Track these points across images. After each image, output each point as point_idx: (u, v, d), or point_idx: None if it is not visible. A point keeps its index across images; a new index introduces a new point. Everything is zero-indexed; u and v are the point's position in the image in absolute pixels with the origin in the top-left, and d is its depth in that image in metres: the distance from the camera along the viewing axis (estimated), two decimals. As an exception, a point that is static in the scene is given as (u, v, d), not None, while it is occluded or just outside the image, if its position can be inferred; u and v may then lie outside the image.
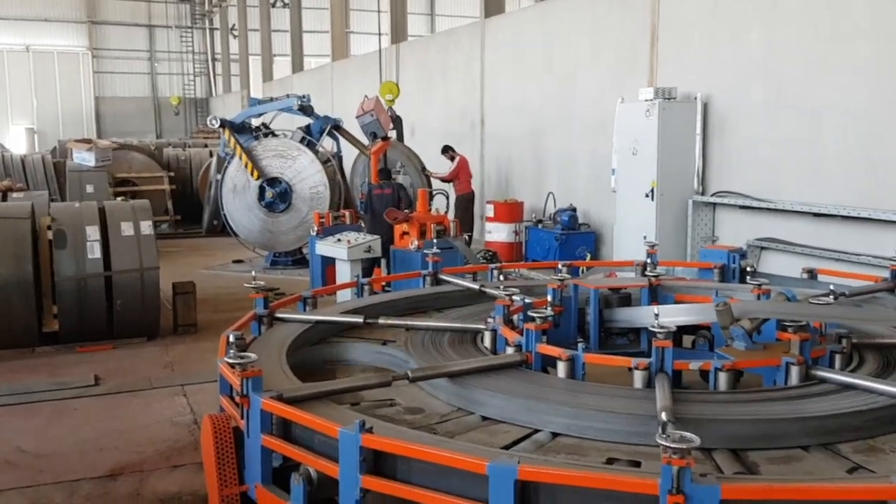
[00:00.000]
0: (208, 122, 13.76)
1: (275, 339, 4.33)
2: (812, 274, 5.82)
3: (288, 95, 13.89)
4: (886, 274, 5.33)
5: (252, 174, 12.33)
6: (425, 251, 6.12)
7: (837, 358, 3.83)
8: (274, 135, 13.30)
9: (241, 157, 12.41)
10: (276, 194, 12.40)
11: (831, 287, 4.64)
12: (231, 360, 3.38)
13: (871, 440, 3.16)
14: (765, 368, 3.76)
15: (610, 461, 2.98)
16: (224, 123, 12.79)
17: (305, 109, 13.12)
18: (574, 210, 12.23)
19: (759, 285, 4.79)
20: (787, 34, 9.06)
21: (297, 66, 29.67)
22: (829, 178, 8.54)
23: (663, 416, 2.82)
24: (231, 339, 3.71)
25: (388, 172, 11.75)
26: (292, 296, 5.10)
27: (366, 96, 12.98)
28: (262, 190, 12.43)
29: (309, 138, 12.94)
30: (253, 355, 3.41)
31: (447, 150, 14.43)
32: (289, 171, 12.48)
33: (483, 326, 4.36)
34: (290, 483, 3.10)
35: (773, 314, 3.99)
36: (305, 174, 12.45)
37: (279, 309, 4.77)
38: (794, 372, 3.59)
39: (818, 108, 8.64)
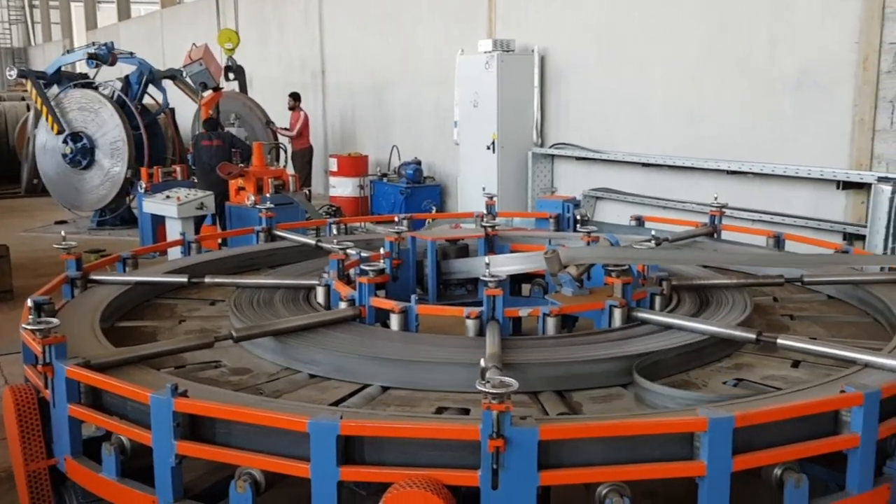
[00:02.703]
0: (7, 75, 12.74)
1: (88, 303, 4.03)
2: (640, 221, 6.05)
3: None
4: (707, 219, 5.60)
5: (52, 128, 11.51)
6: (260, 206, 5.88)
7: (657, 299, 3.98)
8: (89, 86, 12.40)
9: (42, 110, 11.57)
10: (76, 149, 11.66)
11: (653, 233, 4.82)
12: (31, 326, 3.09)
13: (686, 375, 3.31)
14: (591, 312, 3.85)
15: (440, 410, 2.96)
16: (25, 74, 11.84)
17: (98, 58, 12.31)
18: (419, 163, 12.22)
19: (589, 233, 4.92)
20: (619, -11, 9.33)
21: (124, 13, 27.90)
22: (656, 129, 8.92)
23: (482, 362, 2.82)
24: (32, 303, 3.40)
25: (215, 123, 11.14)
26: (110, 256, 4.76)
27: (194, 44, 12.32)
28: (66, 144, 11.67)
29: (119, 94, 12.14)
30: (55, 320, 3.13)
31: (295, 98, 13.97)
32: (91, 124, 11.78)
33: (316, 282, 4.22)
34: (102, 454, 2.89)
35: (597, 259, 4.09)
36: (107, 128, 11.76)
37: (95, 271, 4.43)
38: (618, 314, 3.70)
39: (647, 62, 8.97)
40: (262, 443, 2.63)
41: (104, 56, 12.37)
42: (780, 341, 3.38)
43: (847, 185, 6.88)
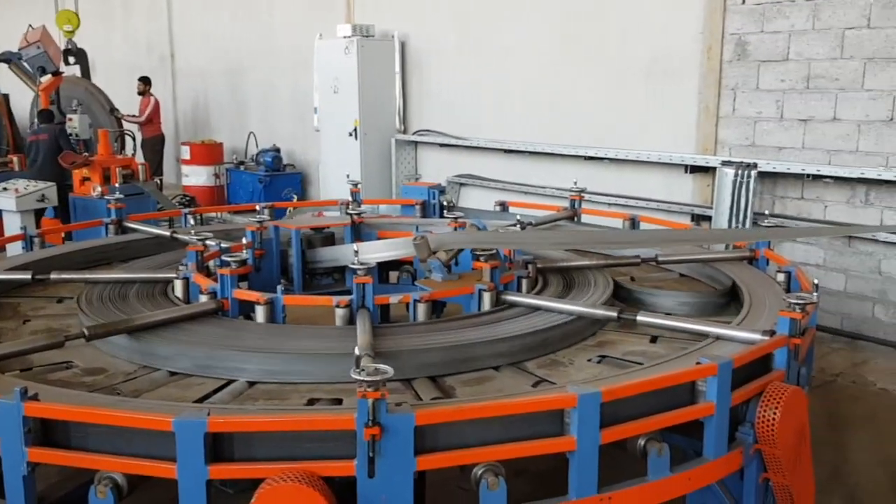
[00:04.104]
0: None
1: (-86, 304, 3.67)
2: (504, 206, 6.16)
3: None
4: (567, 204, 5.77)
5: None
6: (108, 197, 5.55)
7: (524, 282, 4.06)
8: None
9: None
10: None
11: (518, 217, 4.91)
12: None
13: (554, 355, 3.39)
14: (461, 297, 3.88)
15: (311, 402, 2.89)
16: None
17: None
18: (278, 150, 11.93)
19: (456, 218, 4.95)
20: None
21: (-50, -9, 25.55)
22: (517, 116, 9.10)
23: (356, 350, 2.77)
24: None
25: (49, 114, 10.40)
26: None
27: (30, 26, 11.48)
28: None
29: None
30: None
31: (145, 82, 13.29)
32: None
33: (174, 275, 4.03)
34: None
35: (466, 244, 4.12)
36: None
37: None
38: (487, 298, 3.74)
39: (506, 49, 9.12)
40: (123, 445, 2.47)
41: None
42: (639, 318, 3.52)
43: (694, 169, 7.28)
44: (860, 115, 6.25)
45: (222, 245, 4.17)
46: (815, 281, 3.56)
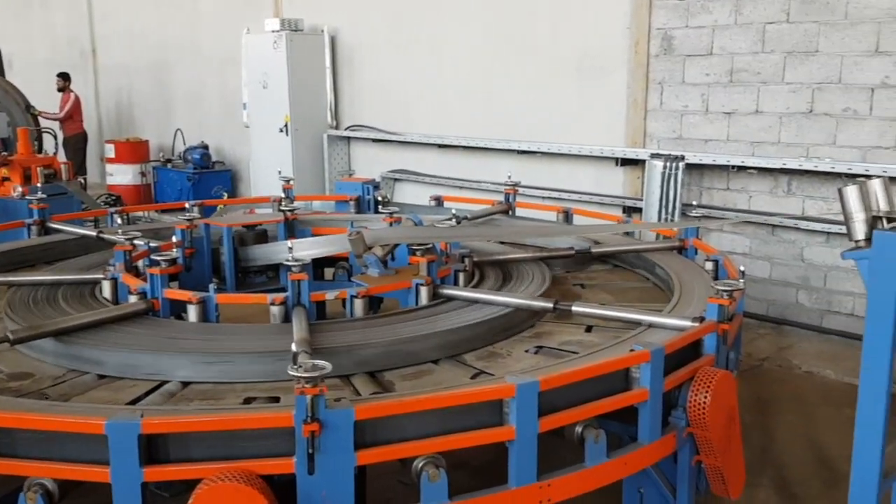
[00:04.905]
0: None
1: None
2: (439, 201, 6.18)
3: None
4: (502, 198, 5.81)
5: None
6: (30, 198, 5.37)
7: (461, 276, 4.08)
8: None
9: None
10: None
11: (453, 212, 4.93)
12: None
13: (492, 346, 3.42)
14: (398, 292, 3.88)
15: (248, 401, 2.85)
16: None
17: None
18: (206, 147, 11.70)
19: (391, 214, 4.95)
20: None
21: None
22: (451, 111, 9.11)
23: (293, 347, 2.74)
24: None
25: None
26: None
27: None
28: None
29: None
30: None
31: (65, 78, 12.87)
32: None
33: (101, 276, 3.92)
34: None
35: (401, 239, 4.12)
36: None
37: None
38: (424, 292, 3.76)
39: (438, 44, 9.12)
40: (53, 450, 2.40)
41: None
42: (574, 309, 3.58)
43: (625, 162, 7.41)
44: (781, 107, 6.46)
45: (151, 244, 4.09)
46: (742, 268, 3.66)
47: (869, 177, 2.42)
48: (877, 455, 2.36)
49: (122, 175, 12.28)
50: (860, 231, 2.36)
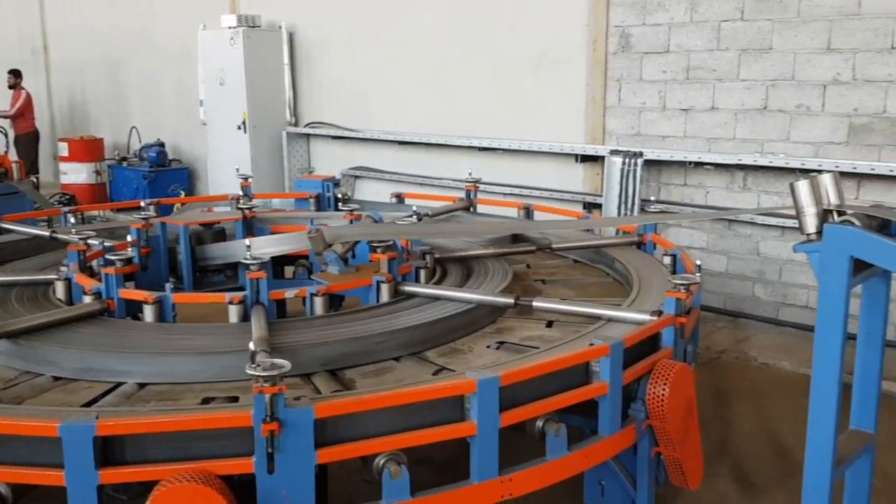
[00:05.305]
0: None
1: None
2: (400, 198, 6.16)
3: None
4: (463, 194, 5.82)
5: None
6: (-21, 197, 5.25)
7: (423, 273, 4.07)
8: None
9: None
10: None
11: (414, 208, 4.92)
12: None
13: (453, 343, 3.42)
14: (359, 289, 3.86)
15: (206, 401, 2.82)
16: None
17: None
18: (162, 145, 11.54)
19: (351, 211, 4.93)
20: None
21: None
22: (411, 107, 9.09)
23: (251, 346, 2.72)
24: None
25: None
26: None
27: None
28: None
29: None
30: None
31: (16, 75, 12.59)
32: None
33: (55, 276, 3.85)
34: None
35: (362, 236, 4.10)
36: None
37: None
38: (385, 290, 3.74)
39: (398, 41, 9.08)
40: (6, 453, 2.35)
41: None
42: (535, 304, 3.59)
43: (584, 158, 7.46)
44: (736, 104, 6.56)
45: (106, 244, 4.04)
46: (698, 262, 3.71)
47: (821, 172, 2.47)
48: (829, 444, 2.41)
49: (77, 174, 12.06)
50: (811, 225, 2.40)
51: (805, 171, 5.76)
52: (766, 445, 4.52)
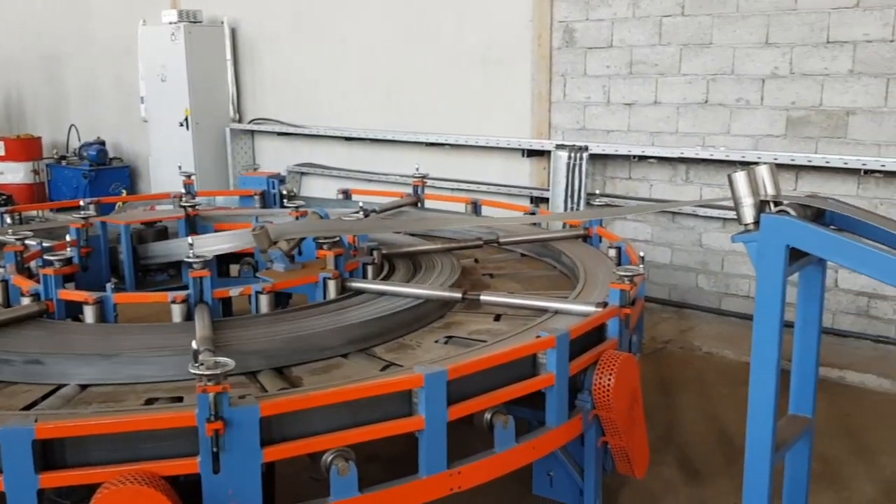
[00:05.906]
0: None
1: None
2: (347, 194, 6.14)
3: None
4: (410, 190, 5.81)
5: None
6: None
7: (370, 269, 4.06)
8: None
9: None
10: None
11: (361, 204, 4.90)
12: None
13: (402, 338, 3.42)
14: (305, 286, 3.83)
15: (150, 402, 2.77)
16: None
17: None
18: (102, 143, 11.29)
19: (297, 207, 4.88)
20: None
21: None
22: (356, 103, 9.04)
23: (194, 344, 2.68)
24: None
25: None
26: None
27: None
28: None
29: None
30: None
31: None
32: None
33: (-9, 278, 3.74)
34: None
35: (307, 233, 4.08)
36: None
37: None
38: (332, 286, 3.72)
39: (343, 36, 9.01)
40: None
41: None
42: (483, 298, 3.61)
43: (531, 153, 7.51)
44: (678, 98, 6.67)
45: (44, 244, 3.95)
46: (642, 254, 3.77)
47: (760, 164, 2.52)
48: (769, 428, 2.47)
49: (14, 173, 11.72)
50: (749, 215, 2.46)
51: (745, 164, 5.88)
52: (710, 433, 4.61)
